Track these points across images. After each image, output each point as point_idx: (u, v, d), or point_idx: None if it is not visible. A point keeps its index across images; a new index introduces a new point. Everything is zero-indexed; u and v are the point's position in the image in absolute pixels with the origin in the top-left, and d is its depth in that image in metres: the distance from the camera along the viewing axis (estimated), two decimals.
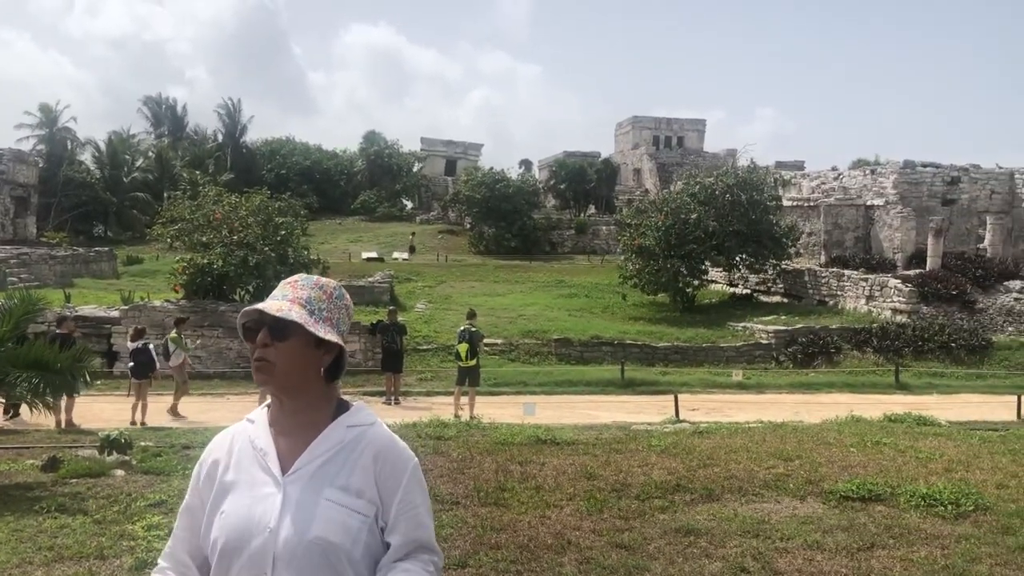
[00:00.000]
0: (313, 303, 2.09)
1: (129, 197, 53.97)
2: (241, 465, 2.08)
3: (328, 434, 2.07)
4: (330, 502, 1.99)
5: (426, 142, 73.18)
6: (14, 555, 6.25)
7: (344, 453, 2.05)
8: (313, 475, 2.03)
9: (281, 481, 2.02)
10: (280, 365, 2.04)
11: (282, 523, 1.97)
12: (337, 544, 1.97)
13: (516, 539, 6.26)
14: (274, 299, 2.10)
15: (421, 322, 25.22)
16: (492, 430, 11.37)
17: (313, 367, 2.07)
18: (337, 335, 2.09)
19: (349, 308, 2.19)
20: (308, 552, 1.95)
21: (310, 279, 2.16)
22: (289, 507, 1.99)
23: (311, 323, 2.04)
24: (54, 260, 32.74)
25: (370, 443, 2.08)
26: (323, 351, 2.08)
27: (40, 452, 10.76)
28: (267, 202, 23.77)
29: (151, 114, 69.02)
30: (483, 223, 48.58)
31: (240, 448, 2.11)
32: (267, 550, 1.96)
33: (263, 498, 2.01)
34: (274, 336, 2.04)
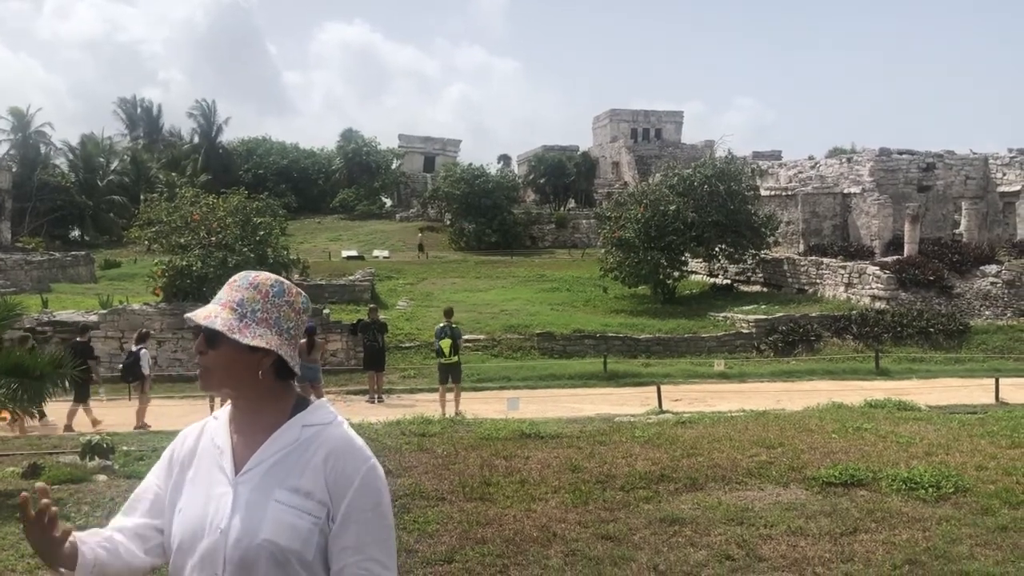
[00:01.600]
0: (246, 305, 2.04)
1: (105, 200, 53.51)
2: (201, 462, 2.06)
3: (281, 434, 2.03)
4: (279, 503, 1.95)
5: (404, 139, 72.93)
6: None
7: (297, 453, 2.00)
8: (264, 475, 1.98)
9: (233, 481, 1.99)
10: (215, 371, 2.03)
11: (232, 524, 1.94)
12: (285, 547, 1.92)
13: (502, 533, 6.28)
14: (213, 303, 2.06)
15: (403, 319, 25.18)
16: (476, 425, 11.38)
17: (249, 370, 2.02)
18: (274, 335, 2.03)
19: (294, 304, 2.10)
20: (258, 554, 1.91)
21: (247, 278, 2.11)
22: (239, 508, 1.95)
23: (236, 328, 1.99)
24: (30, 265, 32.41)
25: (324, 443, 2.01)
26: (260, 354, 2.02)
27: (21, 459, 10.66)
28: (245, 202, 23.64)
29: (126, 116, 68.47)
30: (463, 219, 48.49)
31: (203, 445, 2.09)
32: (218, 551, 1.93)
33: (216, 497, 1.99)
34: (208, 343, 2.02)
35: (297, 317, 2.10)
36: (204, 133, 66.05)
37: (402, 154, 70.61)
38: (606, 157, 70.14)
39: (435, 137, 74.64)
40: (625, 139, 69.76)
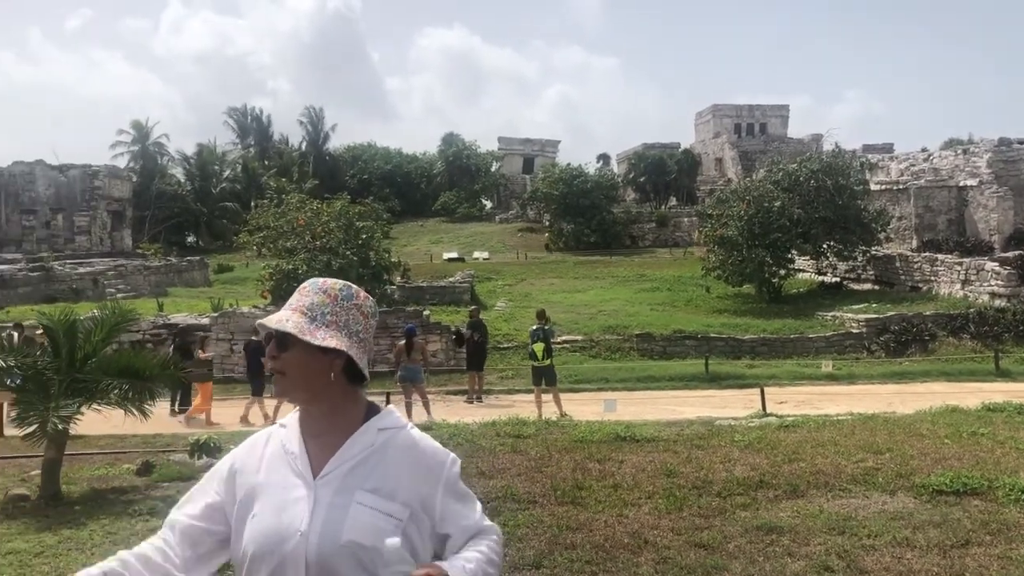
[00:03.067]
0: (316, 308, 2.07)
1: (219, 207, 55.70)
2: (272, 468, 2.07)
3: (359, 437, 2.06)
4: (362, 505, 1.97)
5: (503, 141, 73.43)
6: (104, 558, 6.46)
7: (376, 456, 2.04)
8: (344, 478, 2.01)
9: (312, 484, 2.01)
10: (289, 375, 2.06)
11: (313, 527, 1.95)
12: (369, 547, 1.93)
13: (592, 538, 6.18)
14: (284, 308, 2.11)
15: (501, 320, 25.28)
16: (571, 428, 11.29)
17: (322, 373, 2.05)
18: (344, 337, 2.06)
19: (362, 307, 2.13)
20: (341, 556, 1.93)
21: (316, 283, 2.14)
22: (320, 510, 1.97)
23: (307, 331, 2.03)
24: (148, 271, 34.00)
25: (401, 445, 2.07)
26: (332, 356, 2.05)
27: (136, 457, 11.14)
28: (348, 207, 24.19)
29: (237, 126, 71.04)
30: (561, 220, 48.44)
31: (271, 452, 2.10)
32: (299, 554, 1.94)
33: (294, 501, 1.99)
34: (279, 347, 2.06)
35: (366, 321, 2.12)
36: (312, 140, 68.06)
37: (501, 156, 71.11)
38: (708, 153, 68.95)
39: (534, 138, 74.87)
40: (728, 134, 68.43)
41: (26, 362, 8.92)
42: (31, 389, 8.91)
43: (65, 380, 8.87)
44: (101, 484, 9.58)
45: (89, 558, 6.46)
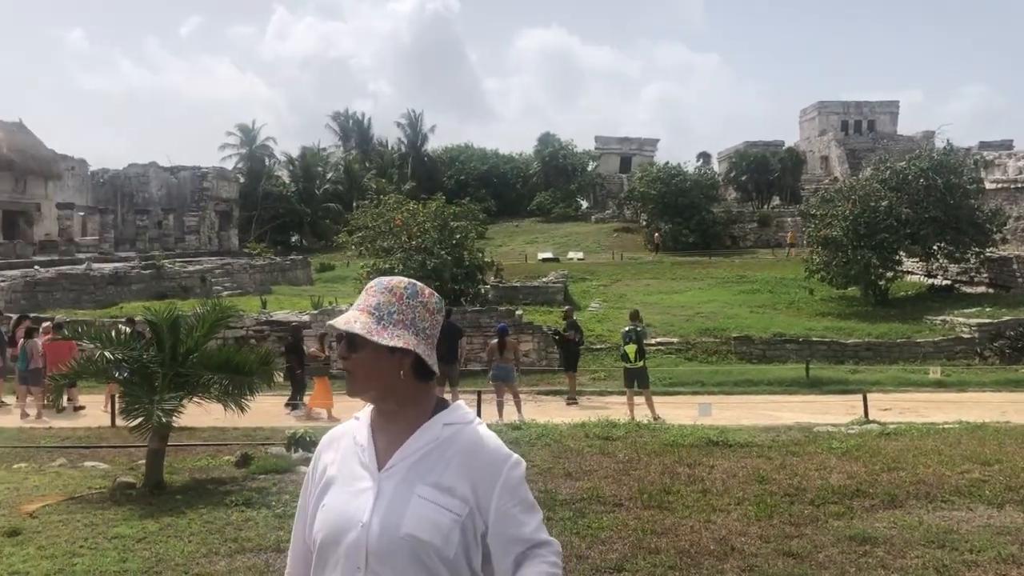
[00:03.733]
0: (382, 308, 2.09)
1: (321, 208, 57.19)
2: (344, 461, 2.12)
3: (423, 431, 2.07)
4: (422, 499, 1.98)
5: (600, 140, 73.11)
6: (203, 545, 6.69)
7: (438, 451, 2.05)
8: (407, 472, 2.03)
9: (377, 476, 2.04)
10: (359, 374, 2.09)
11: (374, 518, 1.98)
12: (427, 542, 1.94)
13: (677, 544, 6.07)
14: (351, 309, 2.13)
15: (595, 321, 25.12)
16: (662, 431, 11.14)
17: (391, 371, 2.07)
18: (411, 335, 2.07)
19: (427, 304, 2.14)
20: (399, 548, 1.95)
21: (382, 283, 2.15)
22: (382, 503, 2.00)
23: (375, 331, 2.05)
24: (254, 269, 35.16)
25: (464, 441, 2.06)
26: (400, 355, 2.07)
27: (236, 449, 11.52)
28: (443, 207, 24.47)
29: (339, 128, 72.84)
30: (659, 219, 47.89)
31: (346, 445, 2.15)
32: (360, 545, 1.97)
33: (359, 493, 2.03)
34: (349, 348, 2.09)
35: (431, 317, 2.14)
36: (410, 142, 69.19)
37: (598, 156, 70.83)
38: (814, 151, 67.10)
39: (632, 137, 74.28)
40: (834, 132, 66.49)
41: (132, 355, 9.30)
42: (137, 382, 9.30)
43: (168, 374, 9.23)
44: (202, 474, 9.94)
45: (187, 545, 6.70)
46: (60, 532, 7.16)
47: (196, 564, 6.24)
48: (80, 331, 10.66)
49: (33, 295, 23.77)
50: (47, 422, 15.27)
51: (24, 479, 9.71)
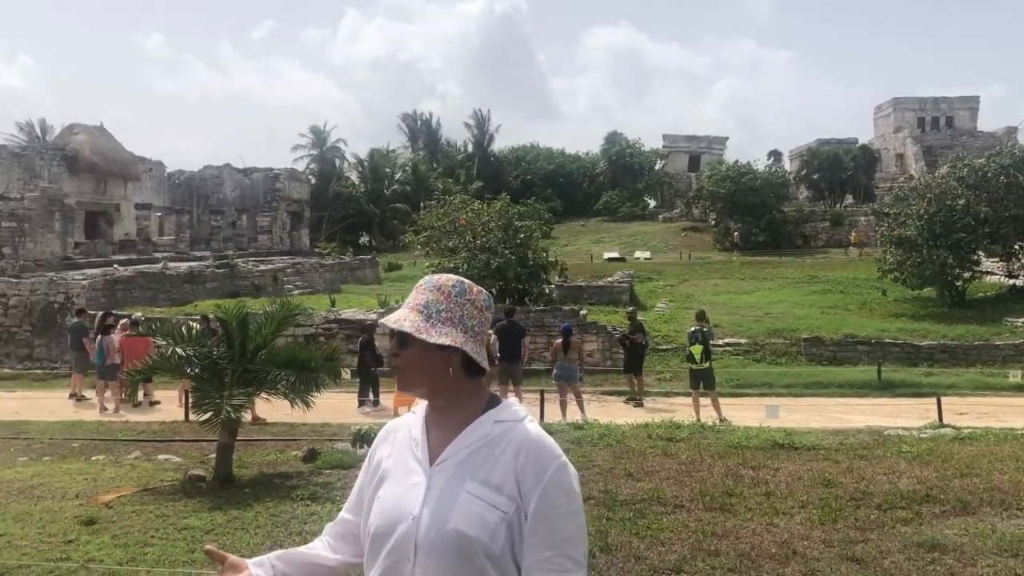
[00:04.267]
0: (431, 306, 2.12)
1: (390, 208, 57.88)
2: (399, 454, 2.16)
3: (474, 428, 2.09)
4: (470, 495, 2.00)
5: (668, 139, 72.45)
6: (268, 538, 6.84)
7: (488, 447, 2.06)
8: (457, 467, 2.05)
9: (428, 471, 2.08)
10: (409, 371, 2.12)
11: (424, 511, 2.01)
12: (473, 537, 1.96)
13: (737, 546, 5.99)
14: (403, 307, 2.16)
15: (661, 321, 24.91)
16: (726, 433, 11.00)
17: (440, 368, 2.09)
18: (460, 333, 2.10)
19: (475, 302, 2.16)
20: (446, 542, 1.97)
21: (431, 281, 2.18)
22: (432, 497, 2.02)
23: (423, 329, 2.08)
24: (323, 268, 35.77)
25: (514, 439, 2.06)
26: (448, 352, 2.09)
27: (304, 444, 11.74)
28: (507, 207, 24.55)
29: (408, 129, 73.67)
30: (728, 218, 47.25)
31: (401, 439, 2.19)
32: (410, 537, 2.00)
33: (411, 486, 2.06)
34: (399, 345, 2.12)
35: (480, 314, 2.16)
36: (477, 142, 69.53)
37: (666, 154, 70.21)
38: (889, 149, 65.46)
39: (700, 135, 73.42)
40: (911, 129, 64.75)
41: (203, 352, 9.56)
42: (207, 378, 9.55)
43: (237, 370, 9.46)
44: (269, 469, 10.16)
45: (252, 537, 6.87)
46: (133, 522, 7.41)
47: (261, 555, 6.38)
48: (154, 328, 11.02)
49: (112, 293, 24.60)
50: (124, 416, 15.81)
51: (101, 471, 10.07)
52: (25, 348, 23.64)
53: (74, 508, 7.98)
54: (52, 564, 6.18)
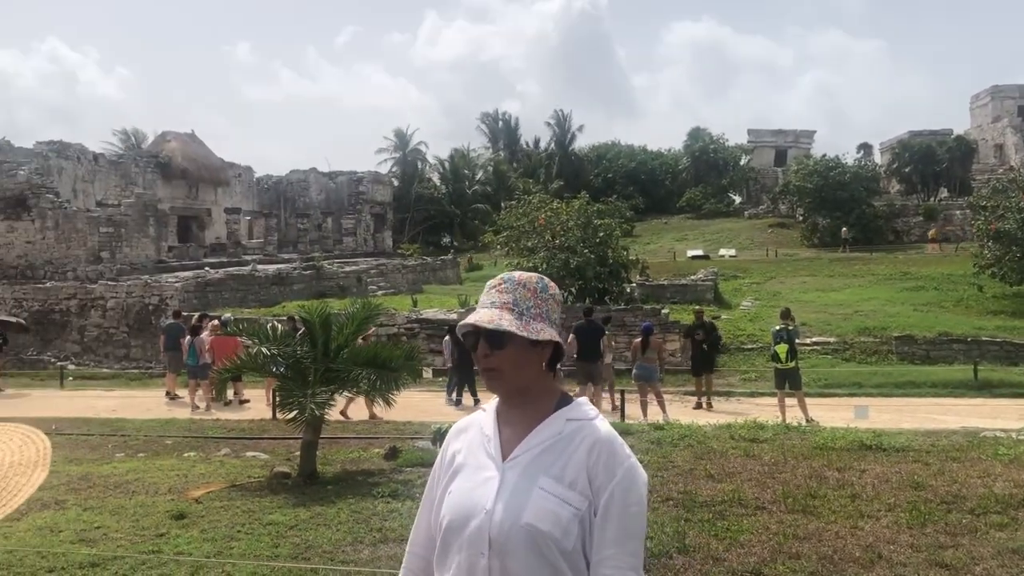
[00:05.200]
0: (520, 304, 2.14)
1: (471, 209, 58.32)
2: (471, 450, 2.18)
3: (548, 425, 2.12)
4: (543, 491, 2.03)
5: (753, 133, 71.13)
6: (349, 534, 6.96)
7: (561, 444, 2.09)
8: (530, 463, 2.08)
9: (501, 466, 2.10)
10: (505, 371, 2.13)
11: (497, 506, 2.04)
12: (546, 532, 1.98)
13: (819, 549, 5.83)
14: (484, 307, 2.17)
15: (746, 320, 24.46)
16: (812, 433, 10.73)
17: (535, 365, 2.14)
18: (550, 328, 2.14)
19: (555, 296, 2.21)
20: (519, 537, 1.99)
21: (512, 278, 2.20)
22: (505, 492, 2.05)
23: (523, 327, 2.10)
24: (406, 269, 36.29)
25: (587, 437, 2.08)
26: (541, 347, 2.14)
27: (386, 442, 11.93)
28: (586, 206, 24.44)
29: (488, 130, 74.01)
30: (816, 214, 46.12)
31: (473, 435, 2.22)
32: (483, 531, 2.03)
33: (484, 481, 2.09)
34: (492, 346, 2.13)
35: (559, 308, 2.22)
36: (558, 141, 69.45)
37: (751, 149, 68.95)
38: (987, 140, 62.91)
39: (786, 129, 71.85)
40: (1010, 118, 62.09)
41: (288, 351, 9.80)
42: (292, 376, 9.78)
43: (320, 369, 9.66)
44: (352, 466, 10.36)
45: (334, 533, 7.00)
46: (221, 517, 7.64)
47: (342, 552, 6.51)
48: (241, 328, 11.33)
49: (204, 295, 25.42)
50: (215, 414, 16.32)
51: (192, 467, 10.42)
52: (122, 348, 24.64)
53: (166, 503, 8.27)
54: (144, 556, 6.42)
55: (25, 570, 6.15)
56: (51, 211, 29.21)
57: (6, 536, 6.88)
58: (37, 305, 25.50)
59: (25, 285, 26.90)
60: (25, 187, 29.23)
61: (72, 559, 6.36)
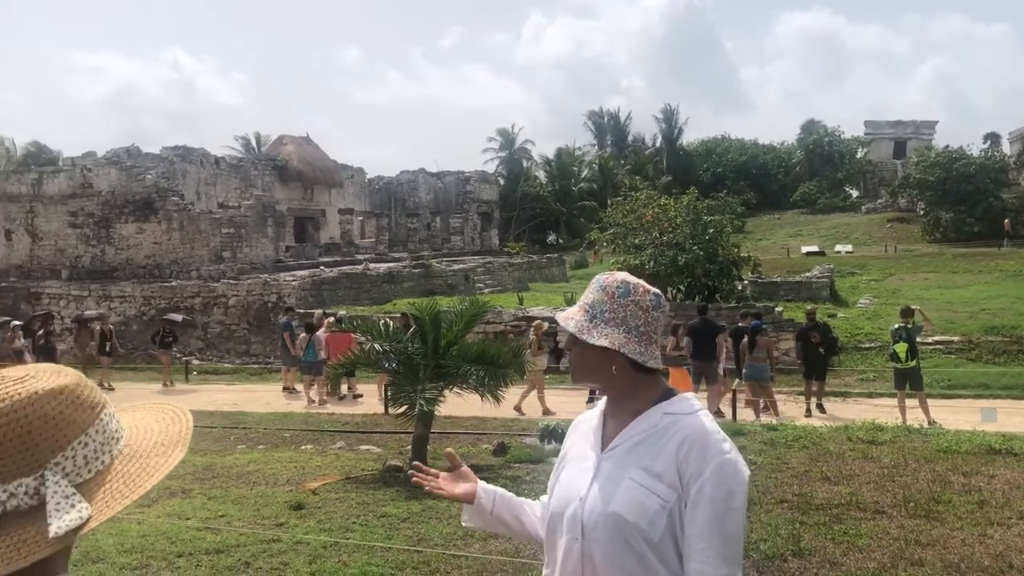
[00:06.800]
0: (596, 306, 2.19)
1: (577, 206, 58.19)
2: (579, 442, 2.29)
3: (645, 418, 2.16)
4: (632, 481, 2.07)
5: (870, 125, 68.50)
6: (460, 528, 7.06)
7: (655, 437, 2.12)
8: (624, 454, 2.13)
9: (599, 456, 2.17)
10: (578, 365, 2.25)
11: (590, 493, 2.12)
12: (632, 522, 2.02)
13: (944, 556, 5.59)
14: (578, 303, 2.25)
15: (863, 318, 23.64)
16: (935, 436, 10.28)
17: (602, 366, 2.18)
18: (621, 334, 2.16)
19: (640, 302, 2.19)
20: (605, 524, 2.06)
21: (600, 280, 2.24)
22: (598, 480, 2.13)
23: (584, 330, 2.16)
24: (512, 267, 36.52)
25: (680, 430, 2.09)
26: (609, 352, 2.16)
27: (494, 438, 12.06)
28: (695, 202, 24.05)
29: (594, 127, 73.56)
30: (938, 208, 44.10)
31: (584, 428, 2.31)
32: (577, 517, 2.12)
33: (584, 471, 2.18)
34: (571, 341, 2.23)
35: (646, 315, 2.19)
36: (666, 136, 68.49)
37: (868, 141, 66.46)
38: None
39: (906, 120, 68.90)
40: None
41: (399, 348, 10.01)
42: (403, 372, 10.00)
43: (430, 365, 9.84)
44: (462, 461, 10.48)
45: (445, 527, 7.12)
46: (336, 508, 7.88)
47: (453, 545, 6.61)
48: (355, 324, 11.65)
49: (319, 293, 26.22)
50: (330, 408, 16.82)
51: (309, 459, 10.77)
52: (243, 344, 25.66)
53: (284, 493, 8.58)
54: (264, 545, 6.68)
55: (157, 554, 6.48)
56: (176, 213, 30.64)
57: (139, 522, 7.27)
58: (164, 303, 26.81)
59: (152, 284, 28.32)
60: (152, 190, 30.74)
61: (199, 545, 6.67)
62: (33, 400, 1.25)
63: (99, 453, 1.32)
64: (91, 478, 1.30)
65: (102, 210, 31.36)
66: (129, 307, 27.20)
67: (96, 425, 1.32)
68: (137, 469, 1.34)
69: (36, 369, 1.33)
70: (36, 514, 1.24)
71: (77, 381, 1.32)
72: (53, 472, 1.26)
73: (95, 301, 27.77)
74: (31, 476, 1.25)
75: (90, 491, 1.29)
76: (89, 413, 1.31)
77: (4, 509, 1.23)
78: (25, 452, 1.24)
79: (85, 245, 31.76)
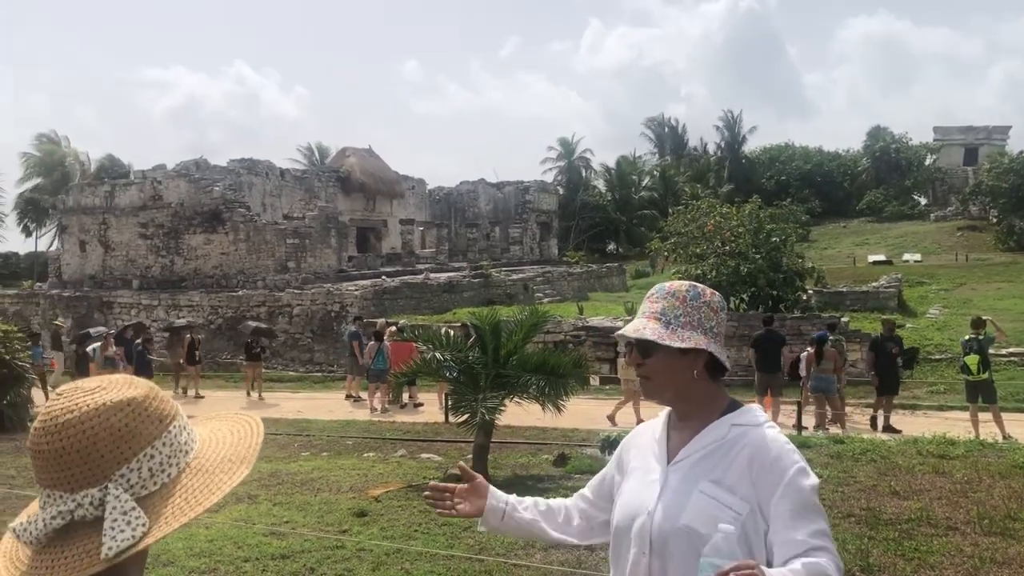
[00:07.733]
0: (668, 313, 2.18)
1: (637, 215, 57.87)
2: (642, 454, 2.27)
3: (712, 429, 2.14)
4: (703, 494, 2.06)
5: (939, 131, 66.76)
6: (521, 537, 7.06)
7: (724, 449, 2.11)
8: (692, 467, 2.12)
9: (665, 469, 2.15)
10: (655, 378, 2.19)
11: (658, 507, 2.10)
12: (703, 535, 1.99)
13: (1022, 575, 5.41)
14: (637, 317, 2.24)
15: (933, 329, 23.04)
16: (1010, 451, 9.96)
17: (686, 372, 2.16)
18: (701, 335, 2.15)
19: (711, 304, 2.21)
20: (677, 537, 2.04)
21: (663, 288, 2.24)
22: (666, 493, 2.11)
23: (666, 336, 2.14)
24: (571, 277, 36.46)
25: (750, 442, 2.09)
26: (693, 355, 2.16)
27: (554, 448, 12.05)
28: (758, 210, 23.71)
29: (653, 135, 73.09)
30: (1012, 216, 42.80)
31: (646, 440, 2.29)
32: (645, 531, 2.10)
33: (649, 484, 2.16)
34: (642, 355, 2.19)
35: (716, 316, 2.21)
36: (728, 144, 67.75)
37: (937, 148, 64.78)
38: None
39: (977, 126, 66.98)
40: None
41: (459, 357, 10.07)
42: (464, 381, 10.05)
43: (491, 374, 9.88)
44: (522, 471, 10.52)
45: (507, 536, 7.11)
46: (399, 516, 7.94)
47: (514, 554, 6.62)
48: (416, 334, 11.76)
49: (381, 302, 26.51)
50: (392, 416, 16.99)
51: (371, 466, 10.89)
52: (307, 353, 26.06)
53: (348, 500, 8.69)
54: (329, 551, 6.77)
55: (224, 559, 6.62)
56: (243, 224, 31.28)
57: (207, 527, 7.43)
58: (231, 312, 27.41)
59: (220, 293, 28.96)
60: (220, 202, 31.44)
61: (265, 550, 6.79)
62: (100, 412, 1.27)
63: (165, 466, 1.32)
64: (156, 491, 1.31)
65: (171, 221, 32.18)
66: (197, 316, 27.84)
67: (164, 438, 1.33)
68: (201, 484, 1.34)
69: (108, 380, 1.34)
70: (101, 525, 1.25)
71: (146, 393, 1.33)
72: (117, 485, 1.27)
73: (164, 310, 28.55)
74: (96, 487, 1.26)
75: (153, 504, 1.29)
76: (157, 425, 1.32)
77: (72, 518, 1.25)
78: (91, 463, 1.26)
79: (155, 255, 32.62)
